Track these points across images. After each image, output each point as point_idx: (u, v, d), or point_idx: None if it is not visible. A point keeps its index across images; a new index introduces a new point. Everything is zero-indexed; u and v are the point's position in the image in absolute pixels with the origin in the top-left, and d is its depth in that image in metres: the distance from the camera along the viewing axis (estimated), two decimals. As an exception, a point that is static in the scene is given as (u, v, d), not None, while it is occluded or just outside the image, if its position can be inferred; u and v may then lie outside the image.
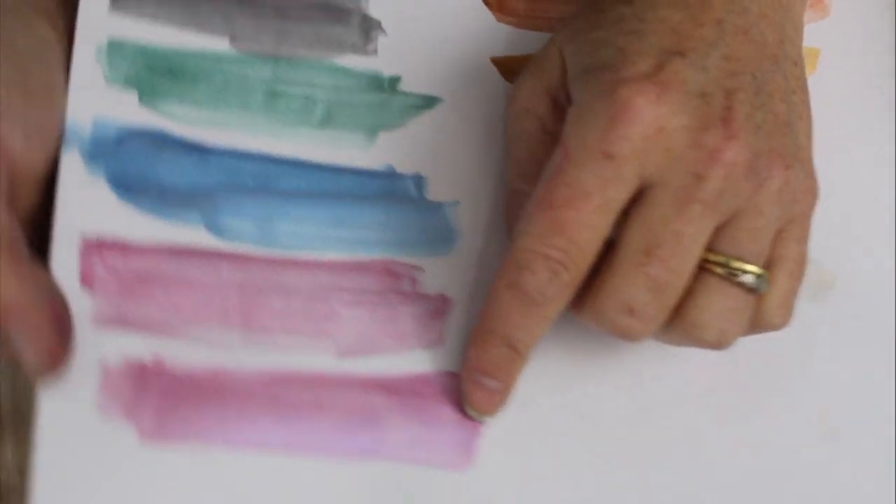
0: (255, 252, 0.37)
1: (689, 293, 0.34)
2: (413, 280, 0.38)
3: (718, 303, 0.34)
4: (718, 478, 0.38)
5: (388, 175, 0.39)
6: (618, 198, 0.33)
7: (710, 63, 0.33)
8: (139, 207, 0.37)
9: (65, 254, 0.35)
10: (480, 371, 0.36)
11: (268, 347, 0.36)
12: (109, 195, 0.36)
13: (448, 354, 0.37)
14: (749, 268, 0.34)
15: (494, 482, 0.36)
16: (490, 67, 0.41)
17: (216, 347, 0.36)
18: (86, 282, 0.35)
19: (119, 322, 0.35)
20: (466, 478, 0.36)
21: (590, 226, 0.33)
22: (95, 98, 0.37)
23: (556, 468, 0.37)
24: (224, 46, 0.39)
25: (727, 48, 0.34)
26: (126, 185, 0.37)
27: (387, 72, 0.40)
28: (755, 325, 0.35)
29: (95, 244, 0.36)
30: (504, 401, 0.36)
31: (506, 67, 0.41)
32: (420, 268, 0.38)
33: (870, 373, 0.40)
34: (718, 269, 0.34)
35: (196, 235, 0.37)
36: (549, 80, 0.36)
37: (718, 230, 0.34)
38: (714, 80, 0.33)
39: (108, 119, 0.37)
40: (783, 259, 0.35)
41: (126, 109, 0.37)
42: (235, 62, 0.39)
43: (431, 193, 0.39)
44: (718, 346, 0.35)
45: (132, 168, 0.37)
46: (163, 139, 0.38)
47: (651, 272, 0.33)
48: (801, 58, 0.37)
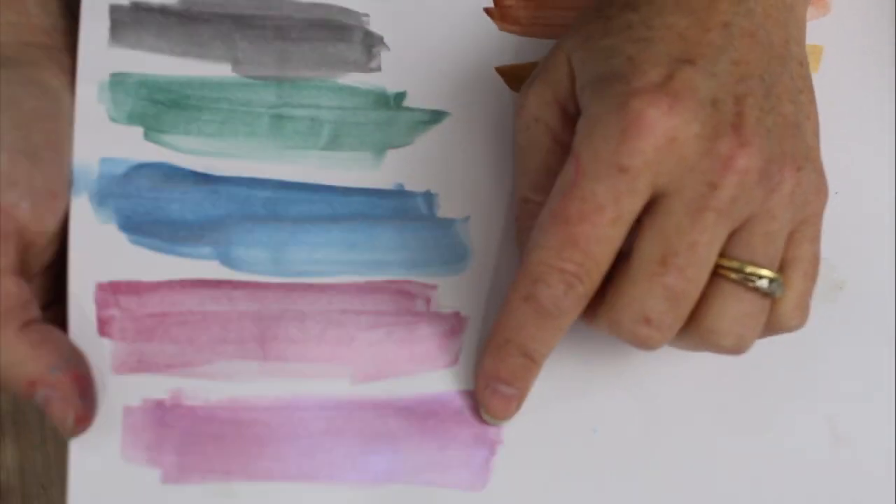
0: (269, 280, 0.37)
1: (705, 300, 0.34)
2: (427, 300, 0.38)
3: (734, 308, 0.34)
4: (731, 488, 0.38)
5: (399, 194, 0.39)
6: (631, 209, 0.33)
7: (720, 69, 0.33)
8: (151, 248, 0.37)
9: (81, 304, 0.36)
10: (497, 379, 0.36)
11: (284, 376, 0.37)
12: (120, 238, 0.37)
13: (463, 372, 0.38)
14: (763, 272, 0.34)
15: (511, 502, 0.37)
16: (495, 77, 0.41)
17: (234, 380, 0.36)
18: (104, 331, 0.36)
19: (138, 365, 0.36)
20: (482, 498, 0.37)
21: (604, 239, 0.33)
22: (100, 138, 0.37)
23: (571, 484, 0.37)
24: (227, 72, 0.39)
25: (735, 52, 0.34)
26: (136, 227, 0.37)
27: (391, 88, 0.40)
28: (772, 328, 0.35)
29: (110, 290, 0.36)
30: (520, 405, 0.37)
31: (511, 76, 0.41)
32: (434, 286, 0.38)
33: (876, 376, 0.40)
34: (733, 275, 0.33)
35: (209, 269, 0.37)
36: (558, 89, 0.36)
37: (732, 236, 0.33)
38: (724, 86, 0.33)
39: (115, 158, 0.37)
40: (797, 260, 0.35)
41: (131, 146, 0.38)
42: (239, 88, 0.39)
43: (442, 210, 0.39)
44: (736, 352, 0.35)
45: (141, 206, 0.37)
46: (170, 173, 0.38)
47: (667, 282, 0.33)
48: (806, 57, 0.37)
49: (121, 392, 0.36)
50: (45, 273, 0.36)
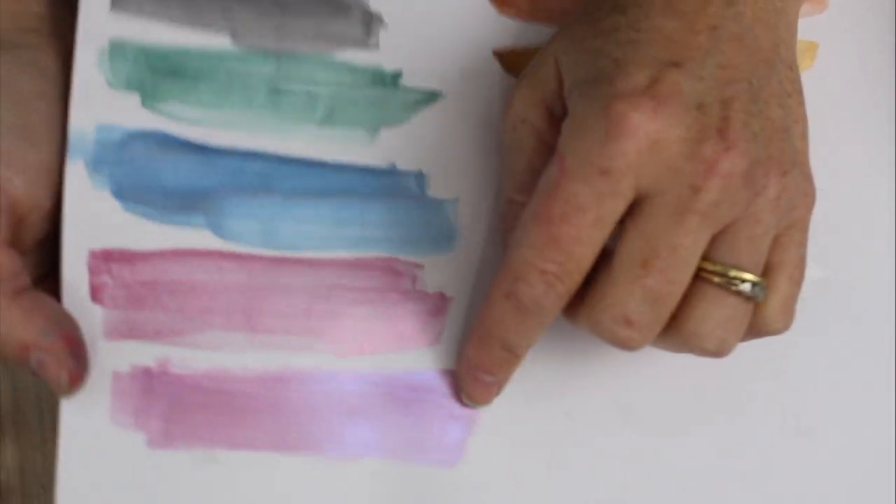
0: (259, 252, 0.38)
1: (687, 302, 0.34)
2: (414, 278, 0.39)
3: (717, 312, 0.34)
4: (703, 475, 0.39)
5: (390, 172, 0.40)
6: (614, 211, 0.33)
7: (706, 72, 0.33)
8: (144, 216, 0.37)
9: (74, 270, 0.37)
10: (479, 369, 0.37)
11: (270, 348, 0.37)
12: (114, 206, 0.37)
13: (445, 352, 0.39)
14: (747, 276, 0.34)
15: (484, 478, 0.38)
16: (492, 61, 0.41)
17: (220, 350, 0.37)
18: (96, 297, 0.37)
19: (128, 332, 0.37)
20: (457, 474, 0.38)
21: (585, 240, 0.33)
22: (98, 104, 0.38)
23: (544, 464, 0.38)
24: (226, 43, 0.39)
25: (722, 56, 0.34)
26: (130, 194, 0.38)
27: (388, 66, 0.40)
28: (757, 331, 0.36)
29: (103, 258, 0.37)
30: (500, 391, 0.38)
31: (508, 61, 0.41)
32: (420, 265, 0.39)
33: (869, 374, 0.40)
34: (716, 279, 0.34)
35: (201, 238, 0.38)
36: (545, 91, 0.36)
37: (716, 239, 0.34)
38: (710, 90, 0.33)
39: (111, 125, 0.38)
40: (783, 264, 0.35)
41: (129, 113, 0.38)
42: (238, 60, 0.39)
43: (433, 190, 0.40)
44: (718, 355, 0.35)
45: (136, 174, 0.38)
46: (166, 141, 0.38)
47: (648, 283, 0.33)
48: (796, 60, 0.37)
49: (111, 357, 0.37)
50: (40, 246, 0.37)
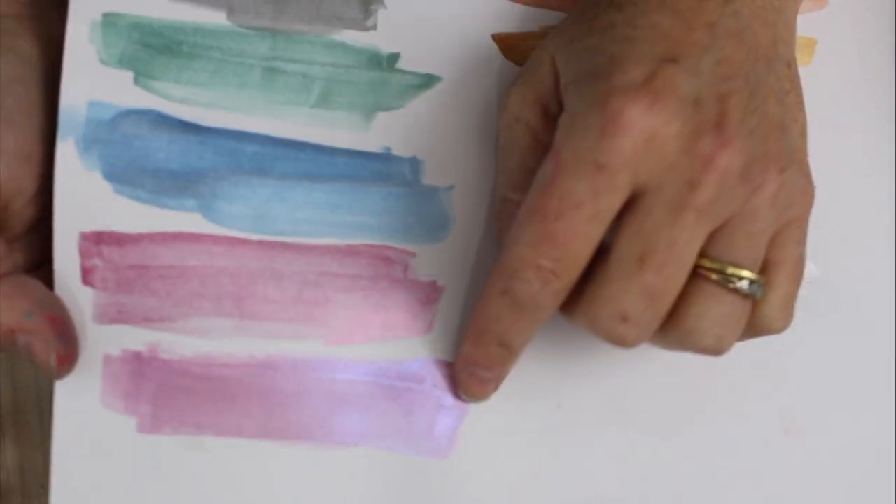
0: (251, 237, 0.38)
1: (685, 300, 0.34)
2: (405, 266, 0.39)
3: (714, 309, 0.34)
4: (694, 469, 0.39)
5: (385, 158, 0.39)
6: (610, 207, 0.33)
7: (703, 68, 0.33)
8: (135, 198, 0.37)
9: (66, 253, 0.36)
10: (475, 365, 0.37)
11: (259, 335, 0.37)
12: (105, 188, 0.37)
13: (436, 342, 0.38)
14: (744, 273, 0.34)
15: (475, 469, 0.38)
16: (491, 45, 0.40)
17: (209, 336, 0.37)
18: (87, 280, 0.36)
19: (118, 316, 0.37)
20: (447, 464, 0.38)
21: (581, 236, 0.33)
22: (89, 81, 0.37)
23: (535, 456, 0.38)
24: (221, 20, 0.39)
25: (720, 52, 0.33)
26: (121, 175, 0.37)
27: (386, 48, 0.40)
28: (756, 330, 0.36)
29: (93, 240, 0.37)
30: (497, 386, 0.38)
31: (507, 45, 0.40)
32: (413, 253, 0.39)
33: (870, 375, 0.40)
34: (713, 276, 0.34)
35: (192, 222, 0.37)
36: (540, 89, 0.36)
37: (713, 235, 0.34)
38: (707, 86, 0.33)
39: (103, 102, 0.37)
40: (782, 262, 0.35)
41: (121, 91, 0.37)
42: (233, 37, 0.39)
43: (427, 177, 0.39)
44: (715, 353, 0.35)
45: (127, 154, 0.37)
46: (159, 120, 0.38)
47: (645, 280, 0.33)
48: (794, 58, 0.36)
49: (102, 341, 0.36)
50: (33, 232, 0.37)
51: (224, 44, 0.39)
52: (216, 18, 0.39)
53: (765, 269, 0.35)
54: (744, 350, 0.38)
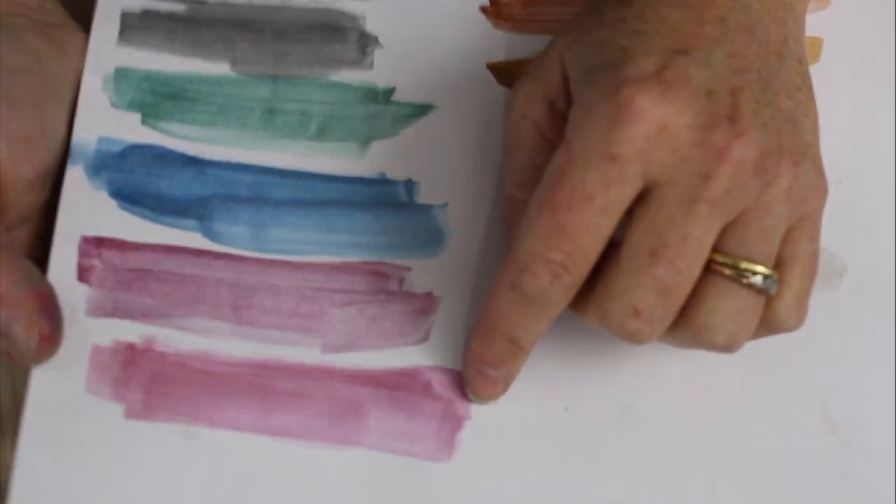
0: (249, 255, 0.39)
1: (697, 295, 0.33)
2: (401, 280, 0.39)
3: (727, 305, 0.33)
4: (702, 471, 0.37)
5: (380, 182, 0.40)
6: (621, 199, 0.32)
7: (715, 60, 0.33)
8: (139, 216, 0.39)
9: (64, 251, 0.38)
10: (483, 363, 0.36)
11: (256, 339, 0.37)
12: (111, 203, 0.39)
13: (434, 350, 0.38)
14: (758, 268, 0.33)
15: (478, 473, 0.36)
16: (484, 73, 0.42)
17: (206, 336, 0.37)
18: (83, 277, 0.38)
19: (113, 310, 0.37)
20: (447, 469, 0.36)
21: (592, 229, 0.32)
22: (100, 119, 0.40)
23: (538, 461, 0.37)
24: (225, 70, 0.41)
25: (731, 45, 0.33)
26: (126, 196, 0.39)
27: (381, 83, 0.42)
28: (769, 327, 0.34)
29: (95, 244, 0.38)
30: (506, 387, 0.37)
31: (502, 73, 0.42)
32: (408, 268, 0.39)
33: (875, 365, 0.38)
34: (726, 271, 0.33)
35: (192, 240, 0.39)
36: (548, 86, 0.36)
37: (726, 230, 0.33)
38: (719, 78, 0.33)
39: (112, 138, 0.40)
40: (795, 258, 0.34)
41: (129, 129, 0.40)
42: (235, 84, 0.41)
43: (423, 197, 0.40)
44: (728, 349, 0.34)
45: (133, 180, 0.39)
46: (163, 154, 0.40)
47: (657, 274, 0.32)
48: (805, 55, 0.36)
49: (91, 332, 0.37)
50: (20, 229, 0.38)
51: (226, 89, 0.41)
52: (220, 69, 0.42)
53: (778, 266, 0.34)
54: (751, 348, 0.36)
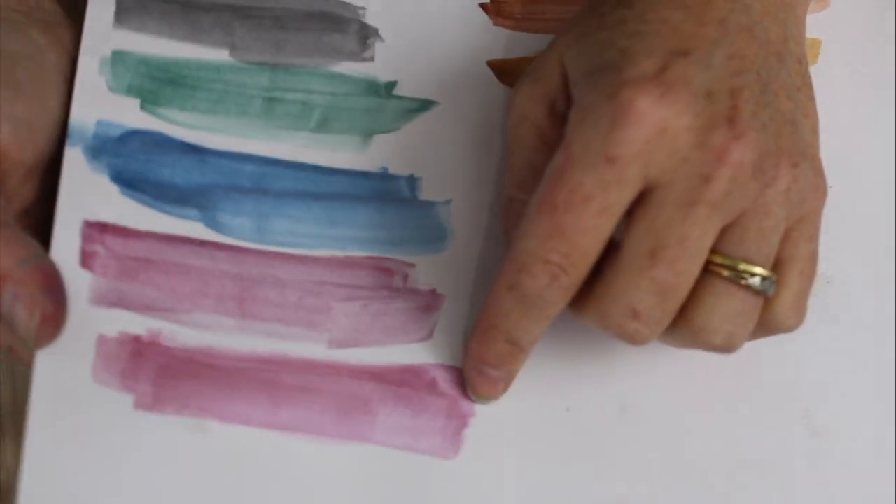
0: (251, 247, 0.38)
1: (695, 296, 0.33)
2: (405, 276, 0.39)
3: (725, 306, 0.33)
4: (701, 471, 0.38)
5: (382, 176, 0.40)
6: (620, 201, 0.33)
7: (715, 62, 0.33)
8: (140, 202, 0.38)
9: (66, 236, 0.37)
10: (483, 363, 0.36)
11: (261, 334, 0.37)
12: (112, 188, 0.38)
13: (438, 347, 0.38)
14: (756, 270, 0.33)
15: (480, 471, 0.36)
16: (485, 70, 0.42)
17: (211, 331, 0.37)
18: (86, 263, 0.37)
19: (117, 301, 0.36)
20: (453, 466, 0.36)
21: (591, 230, 0.32)
22: (98, 103, 0.39)
23: (542, 459, 0.37)
24: (224, 57, 0.41)
25: (731, 47, 0.34)
26: (127, 181, 0.38)
27: (383, 77, 0.41)
28: (768, 328, 0.35)
29: (97, 229, 0.37)
30: (507, 387, 0.37)
31: (502, 70, 0.42)
32: (412, 264, 0.39)
33: (868, 372, 0.39)
34: (725, 272, 0.33)
35: (194, 230, 0.38)
36: (548, 87, 0.36)
37: (725, 231, 0.33)
38: (719, 79, 0.33)
39: (111, 122, 0.39)
40: (794, 259, 0.34)
41: (128, 114, 0.39)
42: (234, 71, 0.41)
43: (425, 193, 0.40)
44: (726, 350, 0.34)
45: (133, 166, 0.38)
46: (163, 141, 0.39)
47: (656, 275, 0.32)
48: (805, 56, 0.37)
49: (96, 321, 0.36)
50: (21, 215, 0.37)
51: (226, 77, 0.40)
52: (219, 56, 0.41)
53: (777, 266, 0.34)
54: (750, 349, 0.37)
